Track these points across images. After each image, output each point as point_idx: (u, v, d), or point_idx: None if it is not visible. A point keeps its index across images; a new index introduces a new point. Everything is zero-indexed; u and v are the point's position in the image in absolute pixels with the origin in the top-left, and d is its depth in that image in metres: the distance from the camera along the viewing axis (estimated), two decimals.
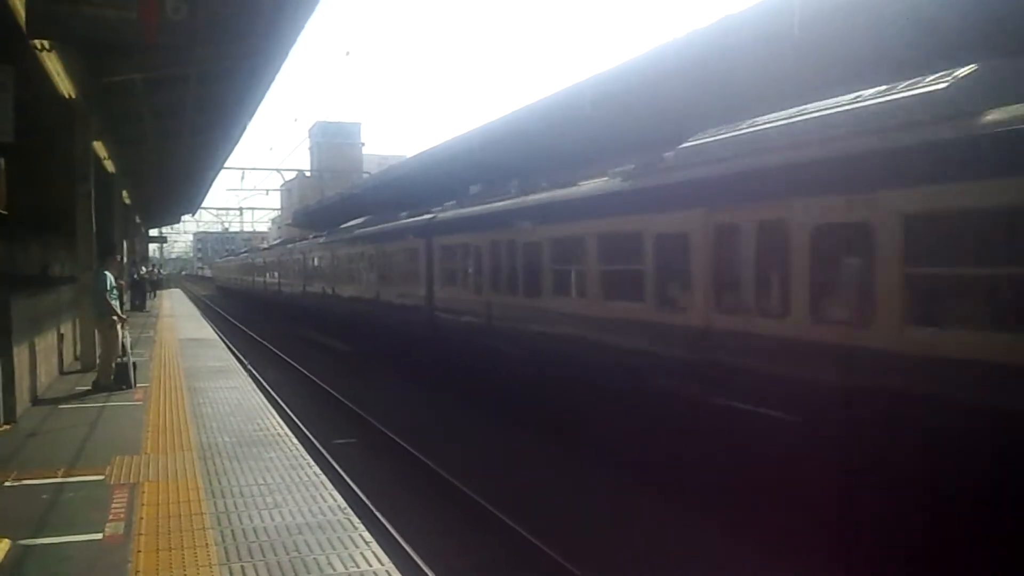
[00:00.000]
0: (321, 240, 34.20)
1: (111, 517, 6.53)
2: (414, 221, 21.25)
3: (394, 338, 22.66)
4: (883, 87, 7.98)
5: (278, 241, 51.53)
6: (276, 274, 46.07)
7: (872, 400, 7.35)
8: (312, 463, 8.30)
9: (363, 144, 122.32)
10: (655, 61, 15.19)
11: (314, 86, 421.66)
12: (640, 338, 10.79)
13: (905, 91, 7.58)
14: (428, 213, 20.51)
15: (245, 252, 75.10)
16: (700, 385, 9.49)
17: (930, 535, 6.70)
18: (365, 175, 59.15)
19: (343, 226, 31.24)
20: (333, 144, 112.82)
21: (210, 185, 42.41)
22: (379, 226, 24.92)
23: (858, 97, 8.14)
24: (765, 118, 9.36)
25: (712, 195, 9.52)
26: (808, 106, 8.80)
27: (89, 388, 12.83)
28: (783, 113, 9.10)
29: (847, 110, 8.07)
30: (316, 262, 34.55)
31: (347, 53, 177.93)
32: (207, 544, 5.92)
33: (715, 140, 9.94)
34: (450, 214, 18.97)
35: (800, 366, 8.17)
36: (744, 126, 9.58)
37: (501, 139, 22.37)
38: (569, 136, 19.03)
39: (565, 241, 13.17)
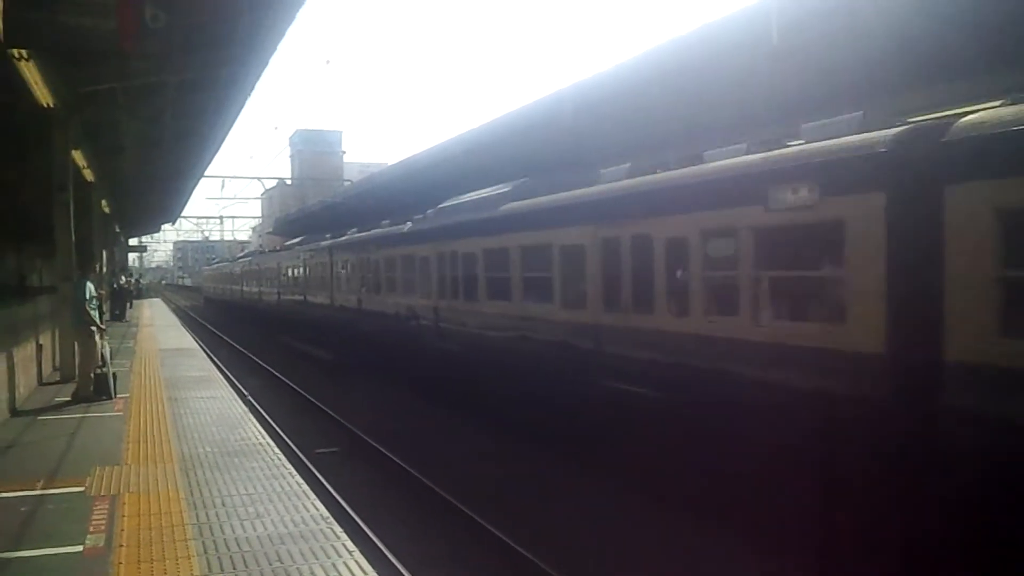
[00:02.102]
0: (406, 228, 20.71)
1: (91, 529, 6.48)
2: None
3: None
4: None
5: (297, 240, 37.64)
6: (301, 285, 33.63)
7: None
8: (294, 472, 8.27)
9: (344, 152, 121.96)
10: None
11: (294, 94, 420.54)
12: None
13: None
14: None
15: (246, 256, 59.89)
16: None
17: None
18: (346, 183, 58.74)
19: (463, 200, 17.76)
20: (314, 152, 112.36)
21: (190, 194, 42.06)
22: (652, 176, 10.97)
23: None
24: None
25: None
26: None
27: (69, 399, 12.71)
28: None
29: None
30: (395, 269, 21.30)
31: (327, 61, 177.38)
32: (189, 555, 5.88)
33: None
34: None
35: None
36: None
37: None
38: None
39: None
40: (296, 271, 34.73)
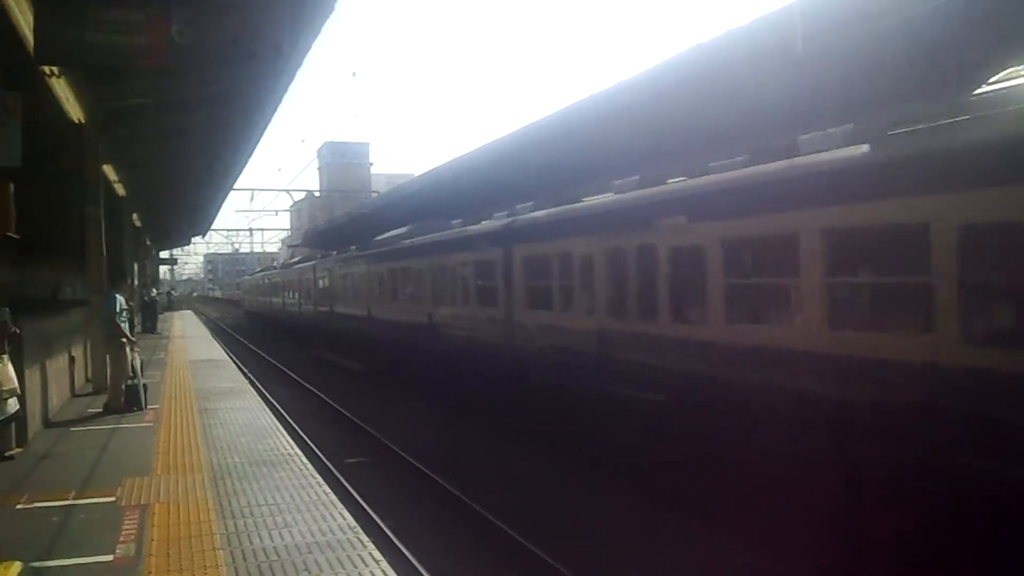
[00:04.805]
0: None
1: (121, 539, 6.55)
2: None
3: None
4: None
5: (401, 232, 24.11)
6: (425, 302, 20.79)
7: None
8: (322, 482, 8.31)
9: (371, 164, 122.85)
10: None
11: (321, 107, 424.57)
12: None
13: None
14: None
15: (302, 261, 44.15)
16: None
17: None
18: (374, 194, 59.00)
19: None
20: (342, 164, 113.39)
21: (220, 206, 42.35)
22: None
23: None
24: None
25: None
26: None
27: (100, 410, 12.89)
28: None
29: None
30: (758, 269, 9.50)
31: (353, 74, 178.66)
32: (217, 565, 5.93)
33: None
34: None
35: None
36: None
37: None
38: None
39: None
40: (409, 281, 22.67)
